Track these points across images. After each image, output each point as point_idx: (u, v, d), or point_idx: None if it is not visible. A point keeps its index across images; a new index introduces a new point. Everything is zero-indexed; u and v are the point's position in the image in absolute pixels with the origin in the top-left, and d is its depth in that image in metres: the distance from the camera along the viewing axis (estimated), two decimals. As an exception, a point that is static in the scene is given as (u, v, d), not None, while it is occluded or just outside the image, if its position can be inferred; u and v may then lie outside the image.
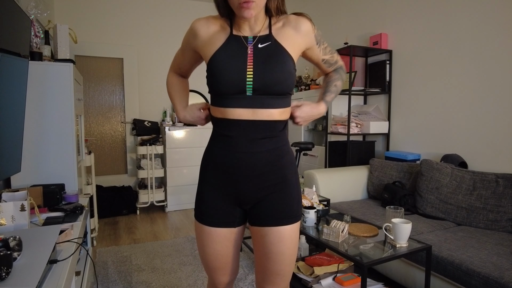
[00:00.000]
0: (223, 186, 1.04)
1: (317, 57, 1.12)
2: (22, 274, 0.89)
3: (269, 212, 1.02)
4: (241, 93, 0.95)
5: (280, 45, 0.98)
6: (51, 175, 2.00)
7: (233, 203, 1.05)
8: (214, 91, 1.00)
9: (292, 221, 1.03)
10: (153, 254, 2.67)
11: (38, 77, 1.94)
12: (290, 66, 0.97)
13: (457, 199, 2.16)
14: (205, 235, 1.07)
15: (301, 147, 3.48)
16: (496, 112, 2.32)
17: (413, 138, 2.98)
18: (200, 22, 1.02)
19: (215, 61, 0.96)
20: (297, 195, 1.06)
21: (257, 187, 1.01)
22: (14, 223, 1.28)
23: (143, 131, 4.00)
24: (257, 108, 0.96)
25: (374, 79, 3.33)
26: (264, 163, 1.00)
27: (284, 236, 1.02)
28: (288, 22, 1.01)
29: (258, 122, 0.97)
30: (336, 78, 1.15)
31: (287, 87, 0.97)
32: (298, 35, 1.01)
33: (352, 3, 3.68)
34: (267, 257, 1.04)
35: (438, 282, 1.70)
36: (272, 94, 0.96)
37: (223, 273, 1.12)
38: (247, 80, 0.94)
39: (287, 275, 1.08)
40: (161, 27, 4.28)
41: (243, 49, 0.97)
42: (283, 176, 1.03)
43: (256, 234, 1.06)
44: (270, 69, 0.94)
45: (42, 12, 2.12)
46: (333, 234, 1.67)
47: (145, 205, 3.89)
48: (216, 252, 1.08)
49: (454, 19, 2.58)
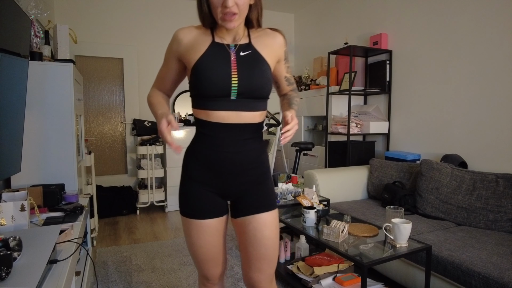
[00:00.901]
0: (208, 181, 1.11)
1: (281, 73, 1.22)
2: (22, 274, 0.89)
3: (252, 202, 1.13)
4: (226, 97, 1.03)
5: (260, 54, 1.07)
6: (51, 175, 2.00)
7: (217, 194, 1.13)
8: (199, 94, 1.05)
9: (272, 208, 1.15)
10: (153, 254, 2.67)
11: (38, 77, 1.94)
12: (269, 74, 1.08)
13: (457, 199, 2.16)
14: (196, 228, 1.13)
15: (301, 147, 3.48)
16: (496, 112, 2.32)
17: (413, 138, 2.98)
18: (183, 30, 1.09)
19: (200, 65, 1.03)
20: (272, 186, 1.19)
21: (241, 182, 1.11)
22: (14, 223, 1.28)
23: (143, 131, 4.00)
24: (241, 111, 1.05)
25: (374, 79, 3.33)
26: (248, 161, 1.10)
27: (267, 222, 1.13)
28: (266, 34, 1.11)
29: (242, 124, 1.06)
30: (295, 96, 1.25)
31: (267, 92, 1.08)
32: (274, 46, 1.11)
33: (352, 3, 3.69)
34: (253, 243, 1.12)
35: (438, 282, 1.70)
36: (254, 98, 1.06)
37: (214, 264, 1.18)
38: (232, 85, 1.02)
39: (273, 260, 1.16)
40: (161, 27, 4.28)
41: (226, 56, 1.04)
42: (263, 171, 1.15)
43: (241, 225, 1.15)
44: (253, 75, 1.03)
45: (42, 12, 2.12)
46: (333, 234, 1.67)
47: (145, 205, 3.89)
48: (208, 243, 1.14)
49: (454, 19, 2.58)
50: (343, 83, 3.26)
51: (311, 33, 4.51)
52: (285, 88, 1.27)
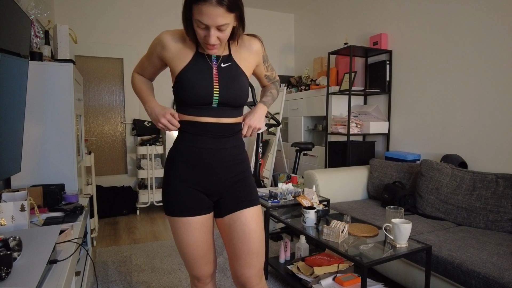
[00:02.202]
0: (192, 179, 1.15)
1: (261, 73, 1.32)
2: (22, 274, 0.89)
3: (235, 199, 1.18)
4: (208, 105, 1.12)
5: (239, 66, 1.16)
6: (51, 175, 2.00)
7: (202, 192, 1.17)
8: (182, 102, 1.13)
9: (255, 203, 1.20)
10: (153, 254, 2.67)
11: (38, 77, 1.94)
12: (246, 84, 1.18)
13: (457, 199, 2.16)
14: (184, 226, 1.16)
15: (301, 147, 3.48)
16: (496, 112, 2.32)
17: (413, 138, 2.98)
18: (168, 36, 1.14)
19: (185, 76, 1.10)
20: (254, 183, 1.25)
21: (223, 178, 1.16)
22: (14, 223, 1.28)
23: (143, 131, 4.00)
24: (221, 117, 1.14)
25: (374, 79, 3.33)
26: (228, 158, 1.16)
27: (253, 216, 1.17)
28: (243, 43, 1.17)
29: (222, 124, 1.14)
30: (272, 87, 1.36)
31: (244, 101, 1.18)
32: (251, 55, 1.19)
33: (352, 3, 3.69)
34: (242, 238, 1.15)
35: (438, 282, 1.70)
36: (232, 106, 1.15)
37: (205, 262, 1.21)
38: (214, 95, 1.10)
39: (261, 254, 1.18)
40: (161, 27, 4.28)
41: (209, 68, 1.12)
42: (243, 168, 1.21)
43: (228, 223, 1.18)
44: (232, 87, 1.12)
45: (42, 12, 2.12)
46: (333, 234, 1.67)
47: (145, 205, 3.89)
48: (197, 240, 1.17)
49: (454, 19, 2.58)
50: (343, 83, 3.26)
51: (311, 33, 4.51)
52: (265, 83, 1.39)
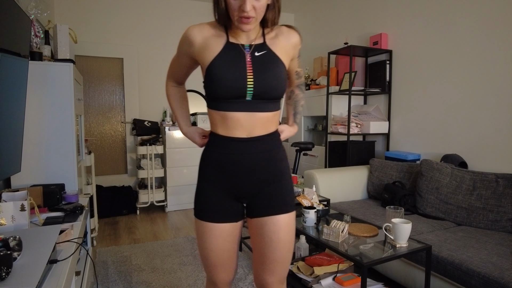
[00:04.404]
0: (222, 182, 1.09)
1: (293, 68, 1.22)
2: (22, 274, 0.89)
3: (266, 203, 1.09)
4: (241, 98, 1.01)
5: (275, 54, 1.05)
6: (51, 175, 2.00)
7: (233, 198, 1.10)
8: (213, 96, 1.03)
9: (288, 209, 1.11)
10: (153, 254, 2.67)
11: (38, 77, 1.94)
12: (283, 74, 1.06)
13: (457, 199, 2.16)
14: (207, 232, 1.10)
15: (301, 147, 3.48)
16: (496, 112, 2.32)
17: (413, 138, 2.98)
18: (194, 30, 1.05)
19: (214, 67, 1.00)
20: (291, 187, 1.14)
21: (255, 181, 1.08)
22: (14, 223, 1.28)
23: (143, 131, 4.00)
24: (255, 111, 1.03)
25: (374, 79, 3.33)
26: (261, 159, 1.07)
27: (282, 224, 1.09)
28: (281, 33, 1.08)
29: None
30: (301, 97, 1.27)
31: (281, 92, 1.06)
32: (289, 45, 1.09)
33: (352, 3, 3.68)
34: (267, 245, 1.09)
35: (438, 282, 1.70)
36: (268, 99, 1.04)
37: (224, 270, 1.15)
38: (248, 86, 1.00)
39: (286, 263, 1.13)
40: (161, 27, 4.28)
41: (241, 57, 1.02)
42: (278, 170, 1.11)
43: (255, 225, 1.12)
44: (268, 77, 1.01)
45: (42, 12, 2.12)
46: (333, 234, 1.67)
47: (145, 205, 3.89)
48: (218, 248, 1.10)
49: (454, 19, 2.58)
50: (343, 83, 3.26)
51: (311, 33, 4.51)
52: (293, 82, 1.27)
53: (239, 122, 1.03)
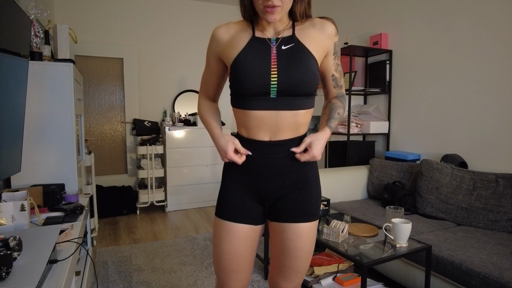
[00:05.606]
0: (245, 183, 1.05)
1: (328, 69, 1.08)
2: (22, 274, 0.89)
3: (289, 209, 1.04)
4: (265, 95, 0.96)
5: (304, 46, 0.97)
6: (51, 175, 2.00)
7: (255, 200, 1.06)
8: (237, 93, 0.99)
9: (310, 219, 1.05)
10: (153, 254, 2.67)
11: (38, 77, 1.94)
12: (314, 67, 0.97)
13: (457, 199, 2.16)
14: (224, 231, 1.06)
15: (301, 147, 3.48)
16: (496, 112, 2.32)
17: (413, 138, 2.98)
18: (221, 28, 1.03)
19: (238, 62, 0.96)
20: (317, 194, 1.07)
21: (279, 185, 1.03)
22: (14, 223, 1.28)
23: (143, 131, 4.00)
24: (281, 109, 0.96)
25: (374, 79, 3.33)
26: (286, 163, 1.02)
27: (302, 233, 1.04)
28: (313, 24, 1.00)
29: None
30: (339, 105, 1.11)
31: (311, 88, 0.97)
32: (322, 36, 1.00)
33: (352, 3, 3.68)
34: (284, 252, 1.06)
35: (438, 282, 1.70)
36: (296, 95, 0.96)
37: (235, 277, 1.08)
38: (272, 82, 0.94)
39: (302, 271, 1.10)
40: (161, 27, 4.28)
41: (266, 51, 0.96)
42: (304, 175, 1.05)
43: (275, 229, 1.08)
44: (294, 71, 0.94)
45: (42, 12, 2.12)
46: (333, 234, 1.67)
47: (145, 205, 3.89)
48: (232, 251, 1.05)
49: (454, 19, 2.58)
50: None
51: (311, 33, 4.50)
52: (331, 91, 1.12)
53: (263, 122, 0.98)
